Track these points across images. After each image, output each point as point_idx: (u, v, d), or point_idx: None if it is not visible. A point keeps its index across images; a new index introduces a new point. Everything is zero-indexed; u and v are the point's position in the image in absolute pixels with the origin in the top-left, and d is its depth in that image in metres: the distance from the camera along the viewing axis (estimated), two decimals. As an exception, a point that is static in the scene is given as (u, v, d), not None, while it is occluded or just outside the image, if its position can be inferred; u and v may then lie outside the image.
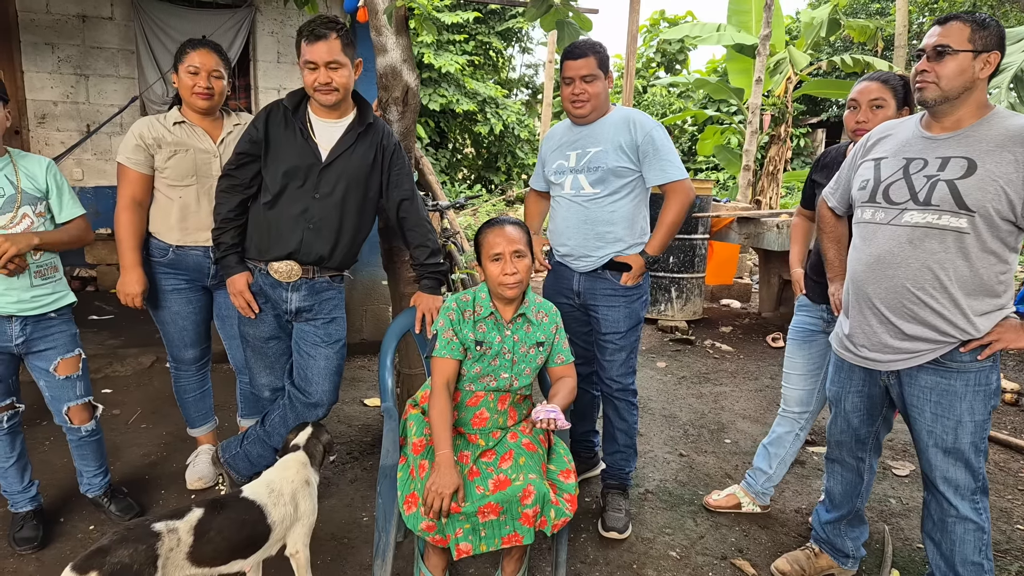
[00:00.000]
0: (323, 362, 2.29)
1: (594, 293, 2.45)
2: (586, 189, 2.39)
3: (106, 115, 5.58)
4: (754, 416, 3.66)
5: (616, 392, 2.49)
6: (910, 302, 1.69)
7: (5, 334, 2.11)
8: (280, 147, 2.18)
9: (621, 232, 2.40)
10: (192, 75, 2.32)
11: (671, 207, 2.38)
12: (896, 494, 2.85)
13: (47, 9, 5.31)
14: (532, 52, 15.73)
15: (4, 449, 2.24)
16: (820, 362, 2.39)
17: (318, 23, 2.10)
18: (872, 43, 9.66)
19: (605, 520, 2.45)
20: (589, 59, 2.30)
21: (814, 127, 16.61)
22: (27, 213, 2.10)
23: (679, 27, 10.97)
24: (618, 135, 2.35)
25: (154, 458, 2.93)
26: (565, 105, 2.40)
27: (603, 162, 2.35)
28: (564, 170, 2.45)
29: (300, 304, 2.27)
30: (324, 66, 2.09)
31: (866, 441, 2.00)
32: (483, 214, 11.36)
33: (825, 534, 2.18)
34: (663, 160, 2.34)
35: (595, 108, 2.35)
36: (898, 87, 2.14)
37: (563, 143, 2.48)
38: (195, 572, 1.70)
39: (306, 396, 2.30)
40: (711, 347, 4.98)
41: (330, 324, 2.31)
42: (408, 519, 1.81)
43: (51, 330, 2.19)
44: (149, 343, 4.07)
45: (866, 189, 1.78)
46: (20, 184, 2.10)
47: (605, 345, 2.47)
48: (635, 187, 2.40)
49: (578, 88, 2.32)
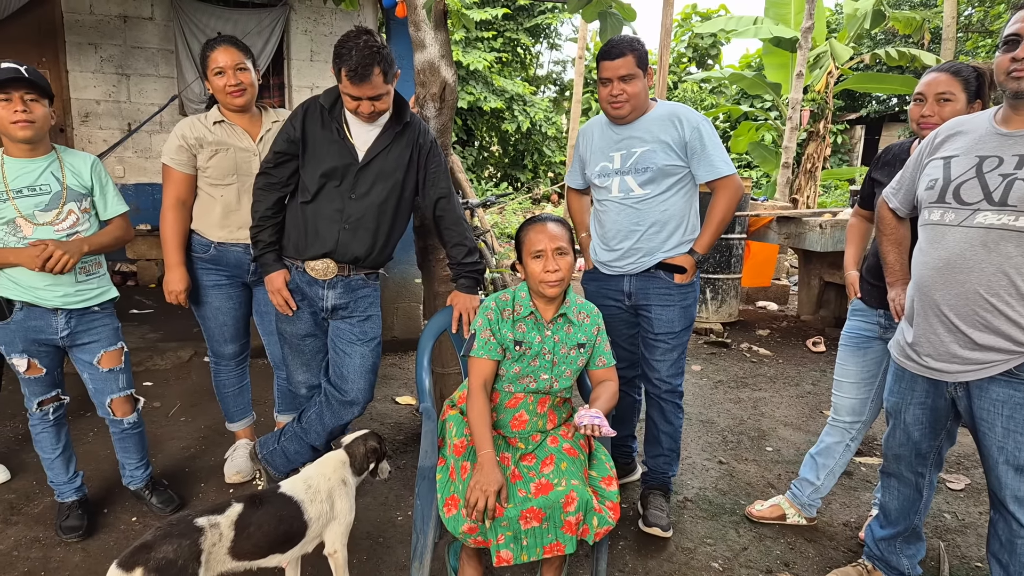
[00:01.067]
0: (358, 360, 2.28)
1: (647, 293, 2.39)
2: (636, 191, 2.32)
3: (146, 114, 5.68)
4: (796, 423, 3.55)
5: (664, 393, 2.44)
6: (983, 309, 1.59)
7: (51, 327, 2.15)
8: (318, 147, 2.17)
9: (674, 229, 2.35)
10: (219, 76, 2.33)
11: (720, 204, 2.31)
12: (951, 509, 2.73)
13: (90, 10, 5.42)
14: (560, 48, 15.66)
15: (50, 440, 2.29)
16: (875, 370, 2.28)
17: (361, 60, 1.98)
18: (918, 35, 9.32)
19: (647, 517, 2.42)
20: (627, 58, 2.22)
21: (852, 123, 16.20)
22: (72, 209, 2.14)
23: (713, 21, 10.78)
24: (664, 132, 2.28)
25: (193, 451, 2.96)
26: (603, 106, 2.33)
27: (652, 162, 2.28)
28: (609, 172, 2.37)
29: (336, 301, 2.26)
30: (368, 100, 2.07)
31: (927, 455, 1.90)
32: (509, 212, 11.32)
33: (879, 551, 2.09)
34: (712, 155, 2.27)
35: (635, 108, 2.28)
36: (970, 79, 2.01)
37: (604, 143, 2.40)
38: (234, 566, 1.71)
39: (342, 394, 2.29)
40: (748, 351, 4.87)
41: (365, 322, 2.30)
42: (449, 522, 1.77)
43: (95, 324, 2.23)
44: (188, 337, 4.13)
45: (934, 189, 1.68)
46: (66, 181, 2.14)
47: (657, 345, 2.41)
48: (685, 183, 2.34)
49: (616, 89, 2.24)
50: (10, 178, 2.06)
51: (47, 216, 2.10)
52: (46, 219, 2.09)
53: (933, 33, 9.89)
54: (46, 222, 2.09)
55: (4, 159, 2.08)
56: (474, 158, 13.52)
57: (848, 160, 16.31)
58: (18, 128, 2.01)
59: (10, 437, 2.99)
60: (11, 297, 2.10)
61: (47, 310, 2.13)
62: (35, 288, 2.10)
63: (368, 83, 2.01)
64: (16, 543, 2.24)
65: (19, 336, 2.13)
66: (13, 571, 2.10)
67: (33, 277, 2.08)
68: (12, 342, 2.14)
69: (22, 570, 2.10)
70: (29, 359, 2.17)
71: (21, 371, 2.18)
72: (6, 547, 2.22)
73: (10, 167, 2.07)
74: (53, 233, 2.09)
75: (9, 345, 2.14)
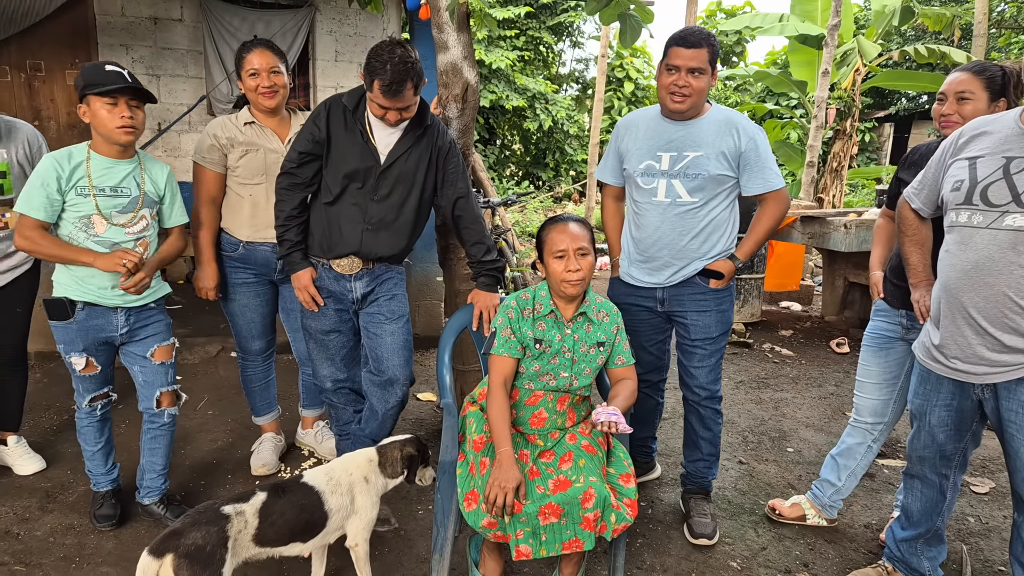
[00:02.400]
0: (389, 338, 2.33)
1: (681, 299, 2.33)
2: (684, 197, 2.23)
3: (176, 114, 5.80)
4: (818, 424, 3.52)
5: (704, 400, 2.40)
6: (1011, 312, 1.58)
7: (111, 324, 2.20)
8: (341, 149, 2.21)
9: (717, 239, 2.29)
10: (253, 77, 2.38)
11: (768, 215, 2.26)
12: (975, 512, 2.69)
13: (122, 12, 5.54)
14: (583, 47, 15.58)
15: (94, 434, 2.33)
16: (897, 371, 2.26)
17: (395, 76, 2.00)
18: (948, 32, 9.12)
19: (692, 527, 2.39)
20: (702, 50, 2.11)
21: (881, 121, 15.91)
22: (145, 215, 2.20)
23: (738, 18, 10.66)
24: (720, 140, 2.19)
25: (220, 444, 3.03)
26: (661, 95, 2.19)
27: (704, 169, 2.19)
28: (655, 173, 2.26)
29: (364, 291, 2.32)
30: (397, 111, 2.11)
31: (952, 457, 1.88)
32: (531, 211, 11.32)
33: (900, 552, 2.07)
34: (765, 168, 2.20)
35: (694, 105, 2.17)
36: (994, 78, 1.99)
37: (653, 140, 2.27)
38: (258, 552, 1.76)
39: (380, 375, 2.34)
40: (770, 351, 4.83)
41: (392, 300, 2.35)
42: (469, 516, 1.80)
43: (151, 319, 2.28)
44: (215, 333, 4.22)
45: (960, 190, 1.67)
46: (144, 187, 2.20)
47: (694, 351, 2.36)
48: (732, 193, 2.28)
49: (683, 80, 2.12)
50: (95, 175, 2.10)
51: (122, 218, 2.15)
52: (121, 220, 2.14)
53: (964, 29, 9.68)
54: (120, 224, 2.14)
55: (91, 155, 2.12)
56: (496, 157, 13.54)
57: (876, 159, 16.02)
58: (123, 133, 2.07)
59: (46, 428, 3.09)
60: (73, 297, 2.13)
61: (108, 308, 2.17)
62: (100, 288, 2.14)
63: (400, 98, 2.05)
64: (52, 529, 2.32)
65: (80, 335, 2.16)
66: (49, 556, 2.18)
67: (101, 278, 2.12)
68: (73, 341, 2.17)
69: (58, 555, 2.18)
70: (88, 357, 2.19)
71: (78, 369, 2.20)
72: (43, 533, 2.30)
73: (95, 164, 2.11)
74: (124, 235, 2.14)
75: (70, 344, 2.17)
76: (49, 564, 2.14)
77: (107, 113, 2.04)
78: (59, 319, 2.15)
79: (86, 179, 2.09)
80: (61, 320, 2.15)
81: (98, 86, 2.02)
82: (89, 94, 2.03)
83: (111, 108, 2.04)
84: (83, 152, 2.12)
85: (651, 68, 15.15)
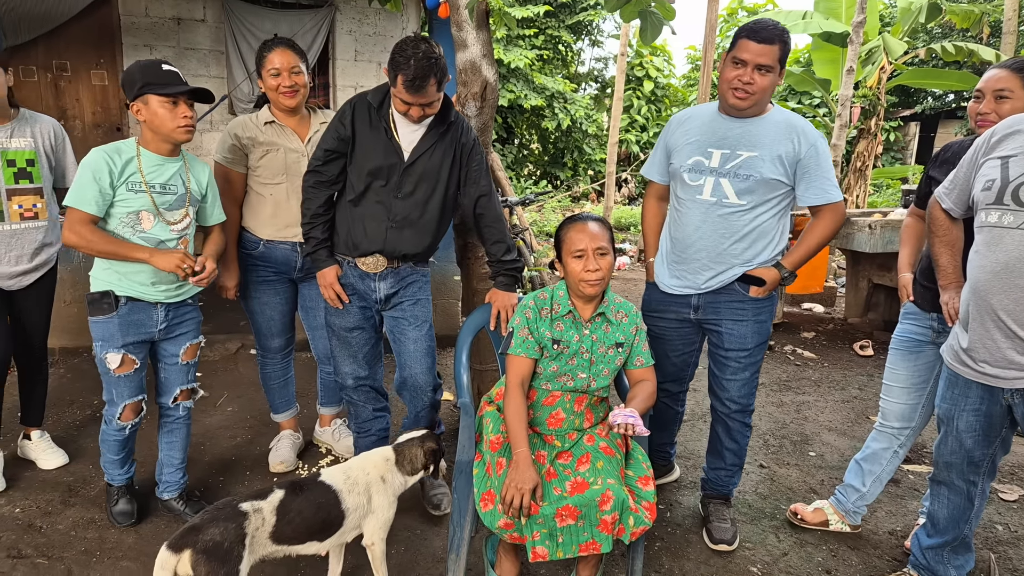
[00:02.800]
0: (412, 345, 2.34)
1: (717, 306, 2.22)
2: (731, 199, 2.11)
3: (198, 113, 5.86)
4: (841, 429, 3.46)
5: (734, 413, 2.31)
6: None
7: (151, 319, 2.20)
8: (366, 146, 2.21)
9: (760, 249, 2.16)
10: (274, 76, 2.38)
11: (823, 228, 2.15)
12: (1004, 520, 2.62)
13: (146, 13, 5.62)
14: (602, 45, 15.50)
15: (117, 447, 2.32)
16: (927, 375, 2.21)
17: (419, 71, 1.99)
18: (976, 29, 8.93)
19: (712, 532, 2.35)
20: (773, 47, 1.98)
21: (907, 120, 15.63)
22: (189, 213, 2.22)
23: (759, 16, 10.52)
24: (779, 143, 2.07)
25: (239, 440, 3.05)
26: (723, 88, 2.08)
27: (756, 170, 2.07)
28: (703, 169, 2.14)
29: (388, 291, 2.32)
30: (420, 107, 2.10)
31: (980, 464, 1.84)
32: (548, 210, 11.29)
33: (925, 560, 2.03)
34: (824, 178, 2.08)
35: (757, 103, 2.06)
36: None
37: (706, 135, 2.15)
38: (275, 550, 1.76)
39: (405, 381, 2.37)
40: (792, 353, 4.76)
41: (415, 306, 2.35)
42: (485, 516, 1.79)
43: (186, 316, 2.30)
44: (235, 330, 4.26)
45: (991, 190, 1.63)
46: (189, 185, 2.21)
47: (727, 363, 2.26)
48: (784, 201, 2.15)
49: (748, 76, 2.00)
50: (146, 171, 2.11)
51: (172, 215, 2.16)
52: (170, 217, 2.16)
53: (993, 26, 9.44)
54: (169, 221, 2.15)
55: (141, 152, 2.12)
56: (514, 156, 13.52)
57: (901, 158, 15.74)
58: (183, 132, 2.09)
59: (68, 423, 3.13)
60: (117, 292, 2.13)
61: (149, 304, 2.18)
62: (142, 284, 2.14)
63: (423, 93, 2.05)
64: (74, 523, 2.35)
65: (120, 331, 2.14)
66: (71, 550, 2.21)
67: (144, 274, 2.13)
68: (113, 337, 2.15)
69: (79, 549, 2.21)
70: (124, 354, 2.17)
71: (112, 368, 2.17)
72: (64, 527, 2.33)
73: (146, 160, 2.12)
74: (169, 232, 2.16)
75: (109, 340, 2.15)
76: (71, 557, 2.17)
77: (168, 112, 2.05)
78: (102, 314, 2.13)
79: (138, 174, 2.10)
80: (104, 315, 2.13)
81: (159, 86, 2.03)
82: (148, 93, 2.04)
83: (172, 108, 2.06)
84: (132, 148, 2.12)
85: (671, 67, 15.05)
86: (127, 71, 2.09)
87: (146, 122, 2.09)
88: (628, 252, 8.56)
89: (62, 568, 2.12)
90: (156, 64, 2.07)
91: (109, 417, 2.26)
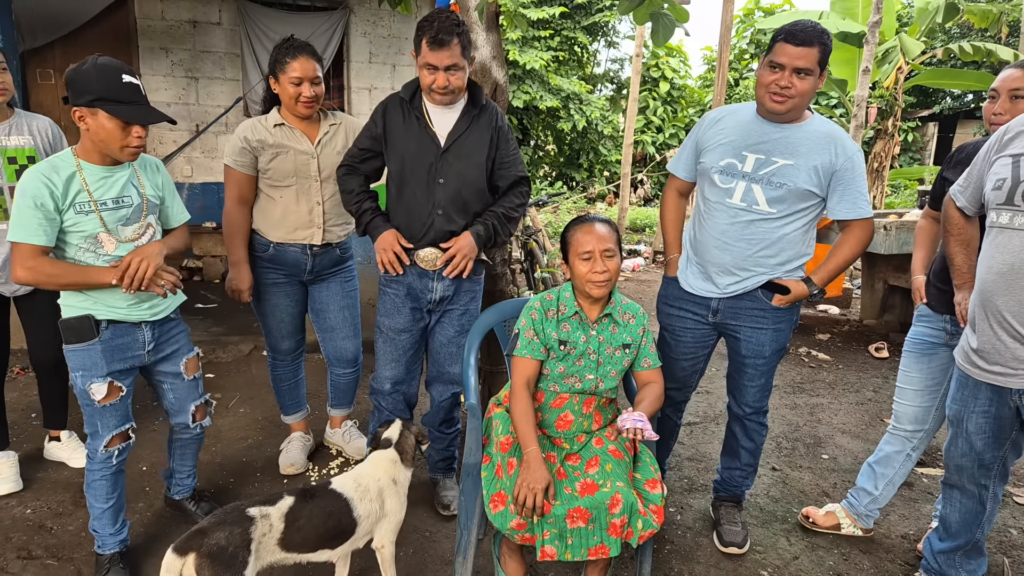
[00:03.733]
0: (456, 350, 2.43)
1: (737, 312, 2.18)
2: (761, 206, 2.05)
3: (213, 115, 5.93)
4: (855, 431, 3.42)
5: (750, 415, 2.32)
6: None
7: (137, 342, 2.01)
8: (400, 138, 2.26)
9: (785, 258, 2.11)
10: (295, 85, 2.36)
11: (851, 243, 2.10)
12: (1018, 524, 2.58)
13: (162, 16, 5.69)
14: (618, 46, 15.47)
15: (106, 490, 2.05)
16: (940, 377, 2.18)
17: (441, 27, 2.06)
18: (995, 29, 8.79)
19: (722, 535, 2.33)
20: (812, 50, 1.91)
21: (925, 120, 15.44)
22: (151, 223, 2.01)
23: (776, 16, 10.46)
24: (816, 153, 2.01)
25: (250, 441, 3.08)
26: (759, 93, 2.01)
27: (791, 180, 2.02)
28: (736, 173, 2.08)
29: (444, 293, 2.35)
30: (444, 70, 2.11)
31: (991, 467, 1.81)
32: (564, 212, 11.28)
33: (938, 564, 2.00)
34: (858, 193, 2.04)
35: (796, 107, 1.98)
36: None
37: (742, 137, 2.08)
38: (284, 557, 1.76)
39: (438, 376, 2.48)
40: (806, 355, 4.71)
41: (463, 315, 2.41)
42: (496, 518, 1.79)
43: (173, 331, 2.14)
44: (248, 332, 4.30)
45: (1002, 190, 1.60)
46: (145, 192, 1.99)
47: (744, 369, 2.25)
48: (813, 212, 2.10)
49: (787, 80, 1.93)
50: (92, 187, 1.86)
51: (129, 231, 1.93)
52: (128, 235, 1.93)
53: (1011, 26, 9.29)
54: (128, 238, 1.93)
55: (81, 165, 1.86)
56: (529, 157, 13.52)
57: (920, 159, 15.55)
58: (130, 153, 1.87)
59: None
60: (98, 316, 1.92)
61: (133, 325, 1.99)
62: (121, 307, 1.95)
63: (447, 49, 2.07)
64: (85, 524, 2.31)
65: (104, 358, 1.94)
66: (81, 551, 2.22)
67: (116, 296, 1.92)
68: (96, 365, 1.93)
69: (89, 550, 2.19)
70: (111, 382, 1.96)
71: (98, 399, 1.95)
72: (75, 528, 2.35)
73: (90, 175, 1.87)
74: (134, 248, 1.93)
75: (92, 369, 1.93)
76: (80, 559, 2.19)
77: (118, 130, 1.81)
78: (82, 340, 1.91)
79: (84, 193, 1.84)
80: (84, 342, 1.91)
81: (114, 103, 1.78)
82: (101, 109, 1.78)
83: (123, 126, 1.81)
84: (70, 162, 1.85)
85: (687, 68, 14.97)
86: (81, 71, 1.79)
87: (89, 131, 1.82)
88: (643, 253, 8.53)
89: (72, 569, 2.14)
90: (116, 73, 1.80)
91: (92, 452, 2.02)
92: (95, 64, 1.80)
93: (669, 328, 2.32)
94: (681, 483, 2.81)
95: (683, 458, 3.02)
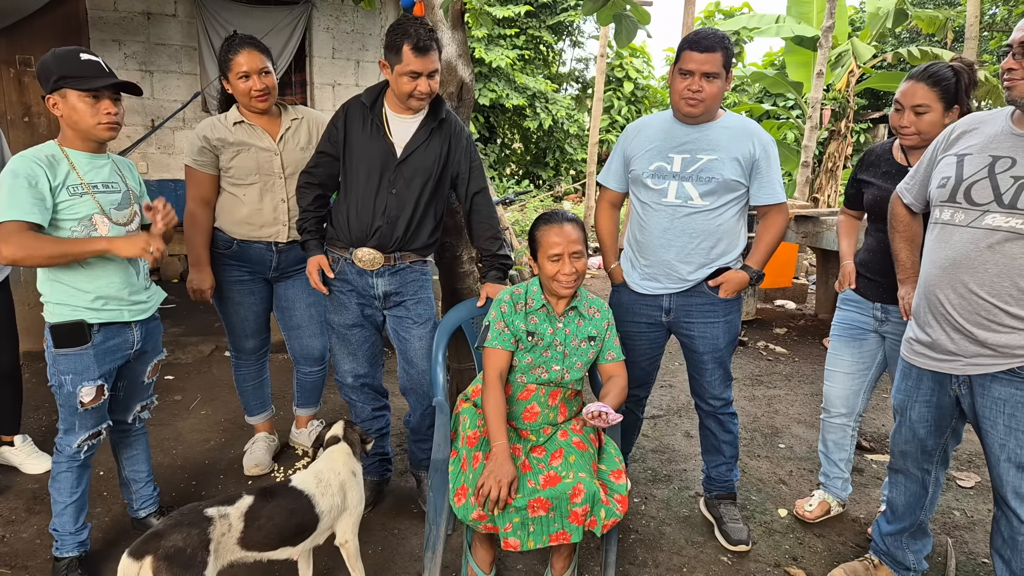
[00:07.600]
0: (417, 342, 2.36)
1: (689, 310, 2.27)
2: (695, 200, 2.17)
3: (169, 110, 5.78)
4: (809, 421, 3.55)
5: (719, 409, 2.39)
6: (984, 309, 1.61)
7: (127, 342, 2.02)
8: (358, 144, 2.25)
9: (724, 249, 2.23)
10: (244, 80, 2.33)
11: (774, 226, 2.24)
12: (961, 506, 2.72)
13: (114, 7, 5.53)
14: (583, 46, 15.57)
15: (71, 484, 2.02)
16: (869, 362, 2.34)
17: (422, 34, 2.07)
18: (941, 34, 9.17)
19: (729, 534, 2.36)
20: (716, 55, 2.05)
21: (875, 122, 15.95)
22: (137, 211, 2.03)
23: (736, 19, 10.68)
24: (736, 146, 2.15)
25: (213, 443, 3.03)
26: (674, 99, 2.15)
27: (718, 172, 2.14)
28: (666, 174, 2.20)
29: (387, 288, 2.32)
30: (427, 76, 2.12)
31: (933, 453, 1.91)
32: (531, 210, 11.33)
33: (885, 546, 2.10)
34: (773, 179, 2.19)
35: (708, 109, 2.12)
36: (949, 87, 2.03)
37: (665, 142, 2.21)
38: (245, 556, 1.75)
39: (411, 379, 2.40)
40: (765, 349, 4.86)
41: (418, 305, 2.37)
42: (459, 510, 1.82)
43: (154, 330, 2.14)
44: (209, 332, 4.23)
45: (946, 187, 1.69)
46: (128, 183, 2.03)
47: (703, 365, 2.33)
48: (741, 201, 2.23)
49: (696, 84, 2.07)
50: (81, 171, 1.89)
51: (122, 215, 1.96)
52: (120, 218, 1.95)
53: (956, 32, 9.70)
54: (120, 222, 1.95)
55: (67, 152, 1.89)
56: (496, 155, 13.52)
57: (870, 159, 16.06)
58: (105, 129, 1.88)
59: (35, 428, 3.07)
60: (89, 320, 1.91)
61: (124, 325, 1.99)
62: (118, 297, 1.95)
63: (430, 56, 2.10)
64: (39, 531, 2.30)
65: (96, 361, 1.93)
66: (36, 559, 2.16)
67: (116, 286, 1.93)
68: (88, 369, 1.92)
69: (44, 558, 2.15)
70: (100, 385, 1.95)
71: (86, 401, 1.94)
72: (29, 535, 2.28)
73: (78, 161, 1.90)
74: (125, 234, 1.94)
75: (84, 373, 1.92)
76: (35, 566, 2.13)
77: (88, 107, 1.83)
78: (74, 346, 1.89)
79: (74, 175, 1.87)
80: (77, 347, 1.90)
81: (76, 79, 1.82)
82: (66, 87, 1.82)
83: (92, 103, 1.84)
84: (55, 150, 1.89)
85: (650, 68, 15.17)
86: (42, 61, 1.86)
87: (63, 117, 1.86)
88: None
89: (27, 576, 2.08)
90: (74, 53, 1.85)
91: (63, 446, 2.00)
92: (52, 52, 1.88)
93: (624, 336, 2.36)
94: (645, 474, 2.87)
95: (647, 450, 3.09)
